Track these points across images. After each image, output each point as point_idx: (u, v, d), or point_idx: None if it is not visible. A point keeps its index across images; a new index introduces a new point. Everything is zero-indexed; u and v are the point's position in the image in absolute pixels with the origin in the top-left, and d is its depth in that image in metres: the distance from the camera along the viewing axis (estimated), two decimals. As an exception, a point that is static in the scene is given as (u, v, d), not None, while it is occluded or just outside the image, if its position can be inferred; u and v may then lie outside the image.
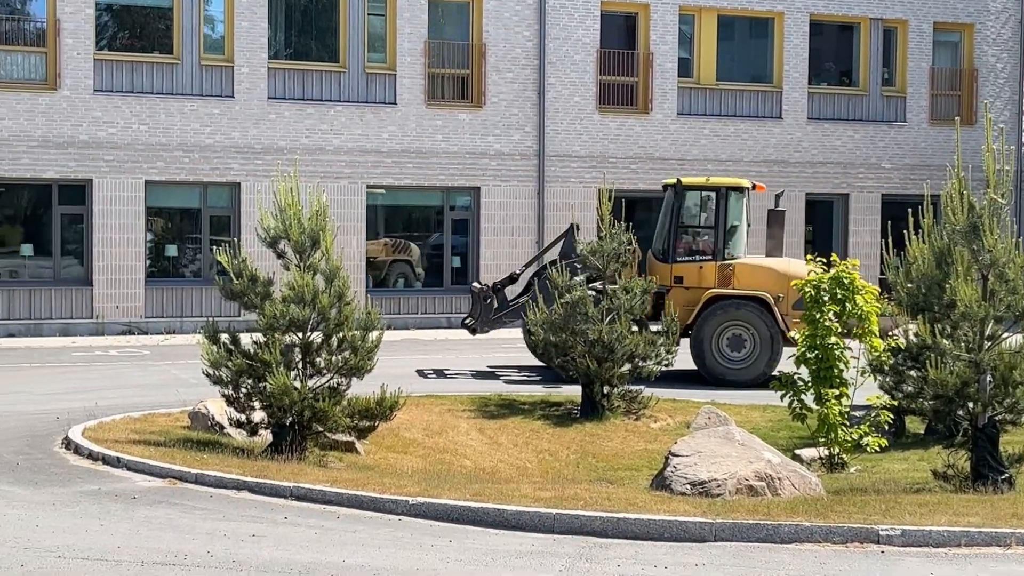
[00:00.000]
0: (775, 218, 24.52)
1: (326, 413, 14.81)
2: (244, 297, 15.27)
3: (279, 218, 15.24)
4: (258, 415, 15.19)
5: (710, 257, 23.36)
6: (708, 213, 24.25)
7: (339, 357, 15.13)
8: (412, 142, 30.80)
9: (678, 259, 23.34)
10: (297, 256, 15.23)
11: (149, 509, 11.85)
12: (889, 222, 18.55)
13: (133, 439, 15.11)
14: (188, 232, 30.69)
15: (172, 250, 30.38)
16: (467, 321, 24.08)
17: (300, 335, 15.03)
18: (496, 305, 23.55)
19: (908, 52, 35.23)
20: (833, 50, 35.52)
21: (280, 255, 15.41)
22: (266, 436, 15.26)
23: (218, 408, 16.13)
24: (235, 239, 28.58)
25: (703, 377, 22.62)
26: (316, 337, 15.07)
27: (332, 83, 30.46)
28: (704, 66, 33.65)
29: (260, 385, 14.75)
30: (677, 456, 12.87)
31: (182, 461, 13.66)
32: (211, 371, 15.07)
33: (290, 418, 14.75)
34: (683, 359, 22.02)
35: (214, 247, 19.80)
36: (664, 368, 19.81)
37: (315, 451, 15.06)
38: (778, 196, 25.06)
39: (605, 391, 18.80)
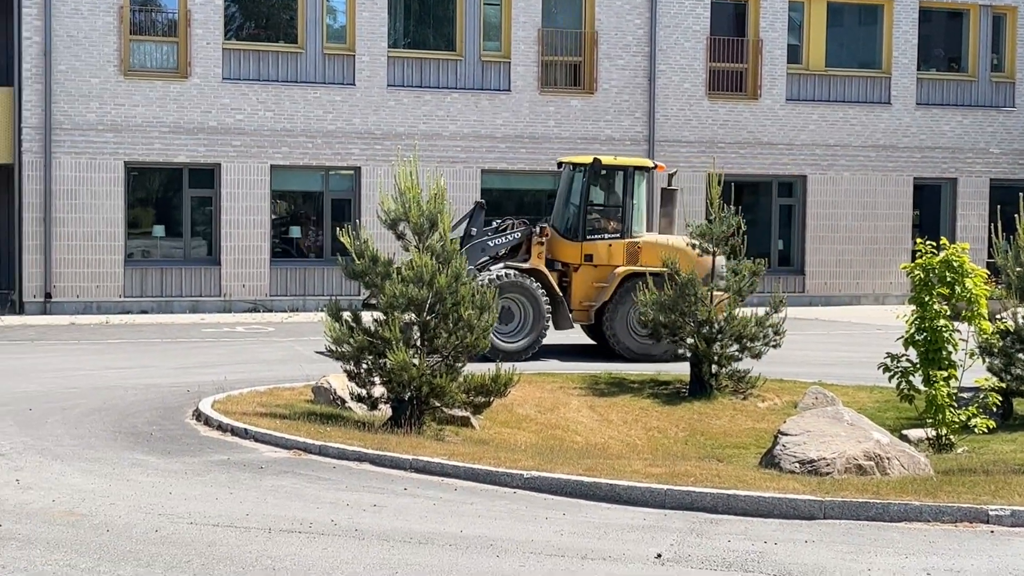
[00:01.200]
0: (668, 197, 24.38)
1: (443, 389, 14.89)
2: (365, 277, 15.44)
3: (399, 201, 15.33)
4: (378, 390, 15.31)
5: (618, 235, 22.92)
6: (616, 192, 23.67)
7: (455, 336, 15.17)
8: (525, 128, 30.80)
9: (588, 237, 22.78)
10: (416, 238, 15.31)
11: (275, 479, 11.99)
12: (998, 207, 18.36)
13: (259, 412, 15.29)
14: (310, 214, 30.99)
15: (295, 231, 30.71)
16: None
17: (418, 314, 15.12)
18: None
19: (1017, 38, 34.48)
20: (942, 36, 34.89)
21: (400, 236, 15.51)
22: (385, 410, 15.38)
23: (340, 383, 16.27)
24: (356, 221, 28.86)
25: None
26: (432, 317, 15.13)
27: (449, 71, 30.53)
28: (813, 52, 33.22)
29: (380, 361, 14.86)
30: (786, 435, 12.74)
31: (306, 433, 13.80)
32: (334, 347, 15.23)
33: (409, 393, 14.84)
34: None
35: (337, 229, 20.01)
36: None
37: (432, 425, 15.12)
38: (671, 176, 25.00)
39: (713, 371, 18.65)
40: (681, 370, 19.21)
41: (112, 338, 24.46)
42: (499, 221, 23.69)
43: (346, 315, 15.30)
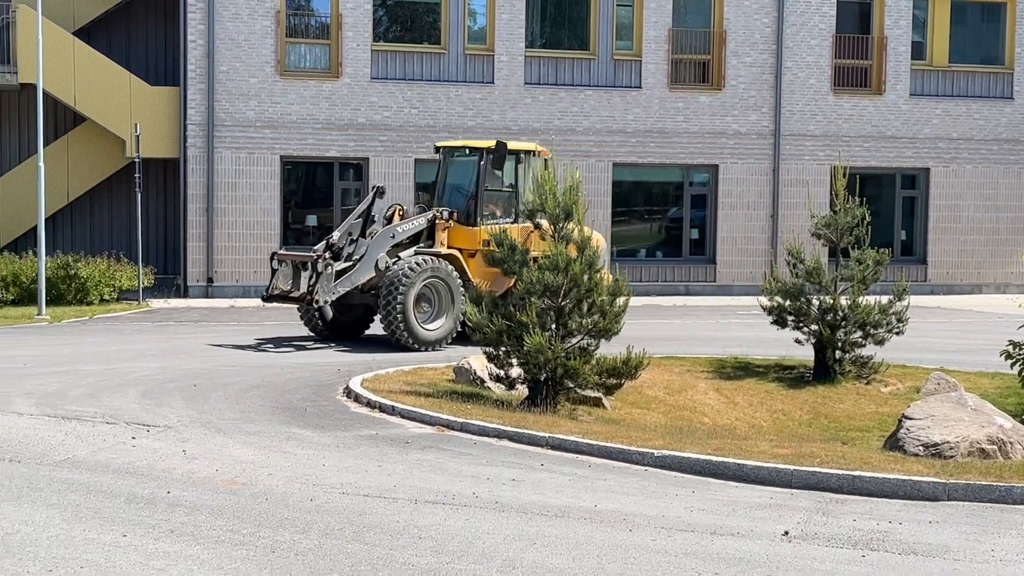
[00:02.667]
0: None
1: (577, 371, 14.91)
2: (504, 264, 15.53)
3: (536, 193, 15.39)
4: (515, 371, 15.36)
5: (511, 220, 21.07)
6: (509, 177, 22.00)
7: (589, 320, 15.20)
8: (655, 123, 30.67)
9: (488, 222, 20.95)
10: (552, 227, 15.34)
11: (420, 453, 12.10)
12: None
13: (405, 390, 15.42)
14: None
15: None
16: (298, 294, 20.35)
17: (554, 300, 15.14)
18: (332, 273, 20.09)
19: None
20: (1064, 33, 33.98)
21: (536, 226, 15.59)
22: (522, 390, 15.41)
23: (479, 364, 16.35)
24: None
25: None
26: (568, 302, 15.16)
27: (582, 69, 30.52)
28: (937, 49, 32.57)
29: (518, 344, 14.86)
30: (910, 419, 12.51)
31: (449, 411, 13.91)
32: (473, 331, 15.35)
33: (544, 375, 14.87)
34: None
35: (484, 219, 20.03)
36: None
37: (566, 405, 15.14)
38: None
39: (837, 356, 18.37)
40: (805, 355, 18.96)
41: (268, 320, 24.86)
42: (389, 207, 22.17)
43: (486, 301, 15.40)
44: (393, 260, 20.26)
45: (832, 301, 18.24)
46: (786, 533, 9.31)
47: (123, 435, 12.56)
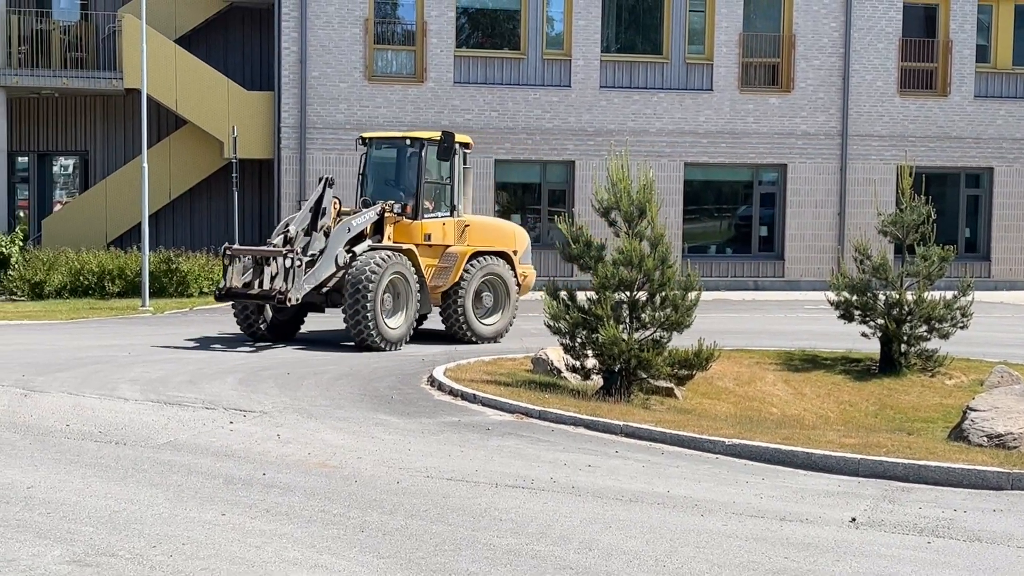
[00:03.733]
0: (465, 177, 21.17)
1: (650, 362, 14.90)
2: (580, 260, 15.54)
3: (611, 191, 15.36)
4: (590, 362, 15.37)
5: (449, 214, 20.16)
6: (443, 169, 20.41)
7: (661, 313, 15.17)
8: (726, 124, 30.49)
9: (426, 216, 19.70)
10: (626, 224, 15.34)
11: (500, 439, 12.14)
12: None
13: (485, 379, 15.43)
14: (529, 203, 31.21)
15: (515, 219, 30.90)
16: (261, 291, 18.39)
17: (628, 293, 15.12)
18: (303, 268, 18.44)
19: None
20: None
21: (611, 223, 15.55)
22: (597, 380, 15.41)
23: (556, 355, 16.35)
24: (571, 210, 28.96)
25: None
26: (642, 295, 15.13)
27: (656, 73, 30.41)
28: (1001, 52, 32.08)
29: (593, 336, 14.91)
30: (975, 411, 12.40)
31: (527, 399, 13.92)
32: (551, 323, 15.36)
33: (618, 365, 14.88)
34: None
35: (554, 217, 19.87)
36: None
37: (639, 395, 15.13)
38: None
39: (903, 349, 18.18)
40: (871, 349, 18.75)
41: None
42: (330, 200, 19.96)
43: (563, 294, 15.41)
44: (349, 255, 18.74)
45: (898, 296, 18.11)
46: (853, 520, 9.25)
47: (221, 420, 12.72)
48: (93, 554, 8.00)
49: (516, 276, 20.59)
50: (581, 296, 15.40)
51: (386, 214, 19.28)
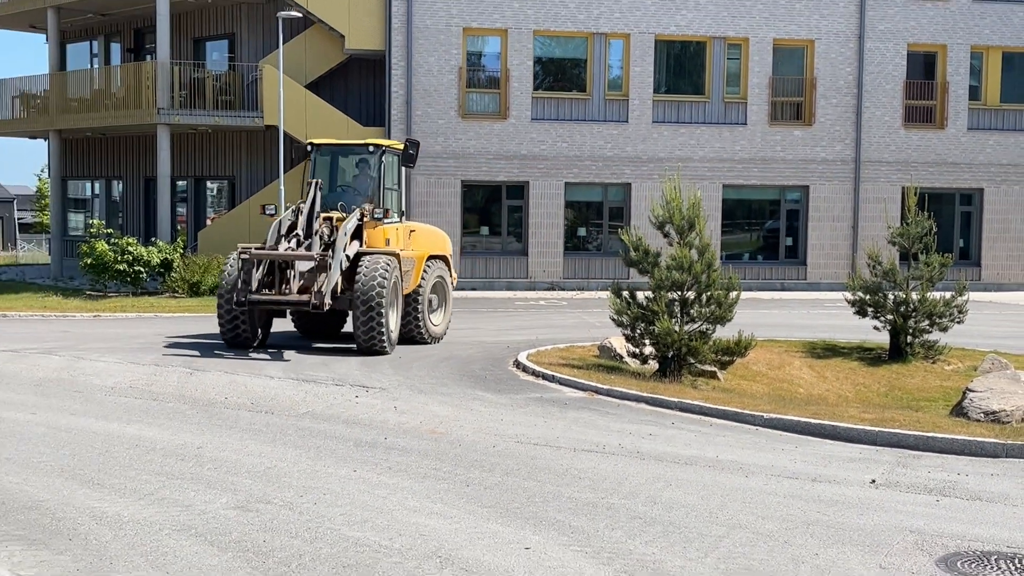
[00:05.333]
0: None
1: (697, 350, 14.87)
2: (639, 265, 15.47)
3: (666, 208, 15.29)
4: (647, 349, 15.31)
5: (398, 219, 17.66)
6: (395, 176, 17.84)
7: (707, 309, 15.09)
8: (757, 152, 30.16)
9: (386, 221, 16.85)
10: (678, 236, 15.26)
11: (576, 412, 12.17)
12: None
13: (560, 362, 15.45)
14: (592, 219, 31.08)
15: (582, 231, 30.89)
16: (304, 298, 15.44)
17: (679, 293, 15.06)
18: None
19: None
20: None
21: (665, 235, 15.46)
22: (652, 365, 15.35)
23: (619, 343, 16.32)
24: (633, 225, 28.87)
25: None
26: (690, 294, 15.06)
27: (699, 110, 30.17)
28: (990, 91, 31.37)
29: (650, 328, 14.84)
30: (973, 391, 12.22)
31: (596, 380, 13.91)
32: (616, 317, 15.31)
33: (671, 352, 14.84)
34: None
35: (617, 229, 19.57)
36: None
37: (688, 377, 15.04)
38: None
39: (908, 340, 17.89)
40: (881, 340, 18.50)
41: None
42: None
43: (625, 293, 15.38)
44: (347, 260, 16.09)
45: (905, 296, 17.87)
46: (873, 481, 9.19)
47: (349, 394, 12.87)
48: (252, 501, 8.18)
49: (453, 278, 18.63)
50: (640, 295, 15.37)
51: (365, 219, 16.52)
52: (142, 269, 26.37)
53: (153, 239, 28.28)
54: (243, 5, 30.44)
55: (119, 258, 26.09)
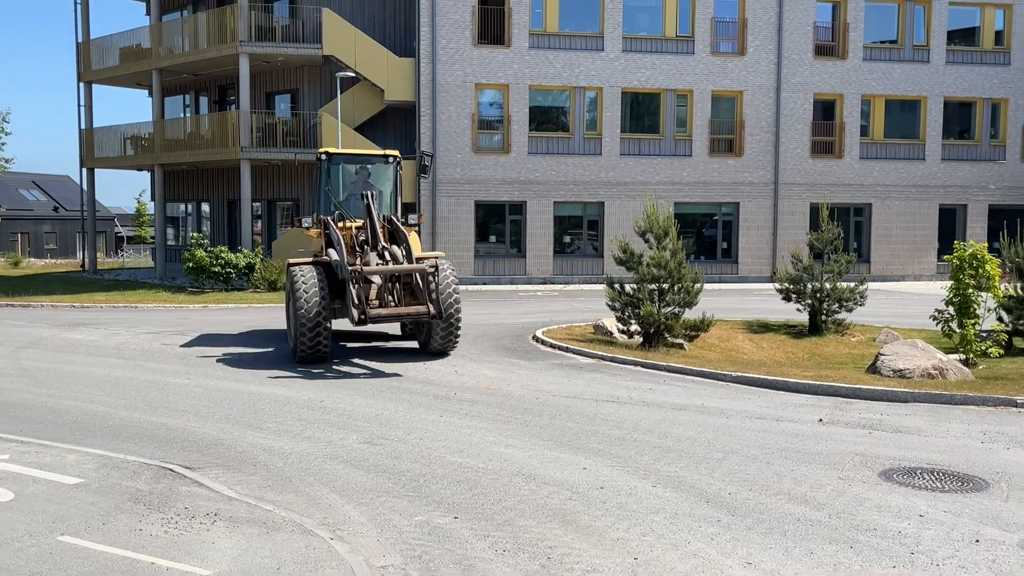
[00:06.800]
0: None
1: (672, 327, 15.15)
2: (627, 264, 15.64)
3: (647, 220, 15.63)
4: (634, 327, 15.52)
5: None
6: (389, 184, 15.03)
7: (678, 296, 15.31)
8: (700, 177, 30.55)
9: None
10: (656, 241, 15.52)
11: (590, 374, 12.53)
12: (999, 221, 17.32)
13: (568, 338, 15.74)
14: (574, 229, 31.16)
15: (566, 239, 31.13)
16: (423, 310, 12.33)
17: (657, 284, 15.35)
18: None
19: (1009, 120, 32.46)
20: (956, 117, 32.89)
21: (646, 240, 15.66)
22: (637, 339, 15.60)
23: (609, 323, 16.61)
24: (604, 233, 29.33)
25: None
26: (666, 285, 15.31)
27: (655, 145, 30.49)
28: (876, 129, 31.85)
29: (636, 311, 15.14)
30: (884, 355, 12.55)
31: (600, 350, 14.24)
32: (610, 303, 15.57)
33: (652, 329, 15.07)
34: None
35: (612, 238, 18.94)
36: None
37: (663, 348, 15.30)
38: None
39: (823, 319, 18.28)
40: (802, 319, 18.93)
41: (471, 298, 25.48)
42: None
43: (616, 285, 15.70)
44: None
45: (820, 285, 18.13)
46: (821, 420, 9.62)
47: (419, 363, 13.27)
48: (375, 438, 8.66)
49: None
50: (627, 287, 15.68)
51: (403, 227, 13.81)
52: (231, 271, 26.64)
53: (239, 248, 28.53)
54: (304, 67, 30.69)
55: (214, 262, 26.37)
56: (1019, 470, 7.68)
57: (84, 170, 34.25)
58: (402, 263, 12.77)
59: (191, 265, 26.45)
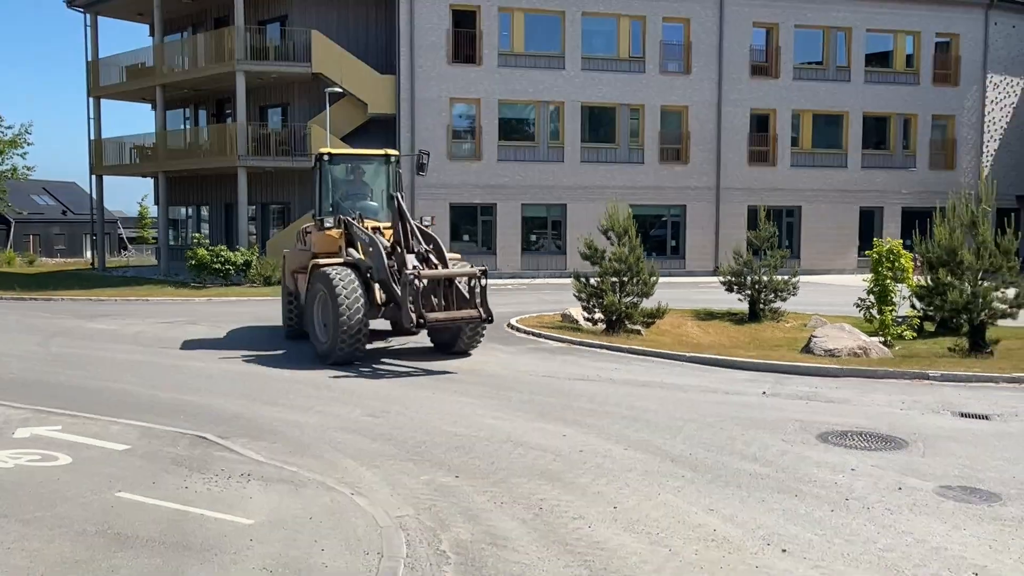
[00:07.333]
0: None
1: (631, 314, 15.26)
2: (591, 259, 15.80)
3: (609, 220, 15.84)
4: (598, 315, 15.54)
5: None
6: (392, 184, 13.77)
7: (637, 288, 15.49)
8: (651, 182, 30.88)
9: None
10: (617, 238, 15.71)
11: (563, 356, 12.75)
12: (910, 222, 17.69)
13: (539, 325, 15.90)
14: (539, 229, 31.30)
15: (533, 237, 31.28)
16: (470, 313, 11.44)
17: (618, 277, 15.52)
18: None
19: (918, 132, 33.29)
20: (873, 129, 33.66)
21: (608, 238, 15.86)
22: (601, 326, 15.58)
23: (575, 311, 16.62)
24: (567, 233, 29.57)
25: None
26: (626, 278, 15.50)
27: (612, 154, 30.80)
28: (804, 140, 32.45)
29: (600, 300, 15.29)
30: (816, 337, 12.89)
31: (568, 335, 14.43)
32: (576, 293, 15.62)
33: (614, 317, 15.21)
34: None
35: (579, 237, 18.69)
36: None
37: (623, 333, 15.51)
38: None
39: (761, 307, 18.58)
40: (742, 308, 19.27)
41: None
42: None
43: (582, 278, 15.80)
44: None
45: (758, 277, 18.39)
46: (764, 392, 9.96)
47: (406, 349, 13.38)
48: (376, 412, 8.87)
49: None
50: (592, 280, 15.86)
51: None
52: (231, 267, 26.52)
53: (237, 246, 28.41)
54: (295, 83, 30.55)
55: (215, 260, 26.25)
56: (932, 431, 8.13)
57: (93, 177, 33.80)
58: (436, 266, 11.50)
59: (194, 262, 26.30)
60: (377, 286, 11.56)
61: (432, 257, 11.77)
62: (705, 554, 5.02)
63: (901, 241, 16.06)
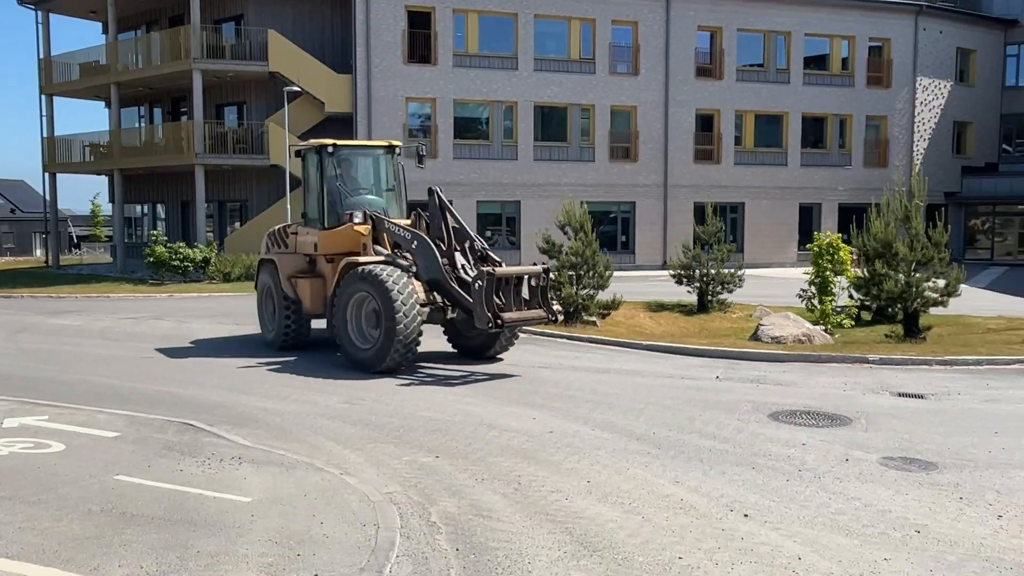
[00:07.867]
0: None
1: (588, 306, 15.52)
2: (549, 252, 15.94)
3: (566, 216, 16.10)
4: (556, 307, 15.75)
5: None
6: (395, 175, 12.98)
7: (592, 280, 15.77)
8: (602, 180, 31.23)
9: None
10: (573, 233, 15.93)
11: (524, 346, 12.81)
12: (846, 217, 18.07)
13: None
14: (495, 224, 31.37)
15: (488, 233, 31.36)
16: (540, 313, 10.45)
17: (575, 270, 15.76)
18: None
19: (853, 132, 34.40)
20: (811, 129, 34.63)
21: (565, 233, 16.07)
22: (560, 316, 15.79)
23: None
24: (521, 228, 29.77)
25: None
26: (582, 271, 15.76)
27: (564, 152, 31.08)
28: (748, 139, 33.18)
29: (557, 293, 15.18)
30: (763, 325, 13.31)
31: (528, 325, 14.56)
32: None
33: (571, 308, 15.42)
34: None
35: (536, 232, 18.42)
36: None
37: (580, 324, 15.77)
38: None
39: (709, 299, 18.93)
40: (691, 300, 19.73)
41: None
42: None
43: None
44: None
45: (706, 270, 18.74)
46: (718, 376, 10.35)
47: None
48: (354, 400, 9.01)
49: None
50: (553, 275, 15.96)
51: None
52: (189, 264, 26.18)
53: (196, 244, 28.02)
54: (252, 81, 30.19)
55: (173, 257, 25.88)
56: (874, 409, 8.63)
57: (46, 175, 32.93)
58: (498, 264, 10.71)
59: (152, 260, 25.89)
60: (420, 286, 10.49)
61: (491, 255, 10.86)
62: (675, 520, 5.35)
63: (840, 235, 16.70)
